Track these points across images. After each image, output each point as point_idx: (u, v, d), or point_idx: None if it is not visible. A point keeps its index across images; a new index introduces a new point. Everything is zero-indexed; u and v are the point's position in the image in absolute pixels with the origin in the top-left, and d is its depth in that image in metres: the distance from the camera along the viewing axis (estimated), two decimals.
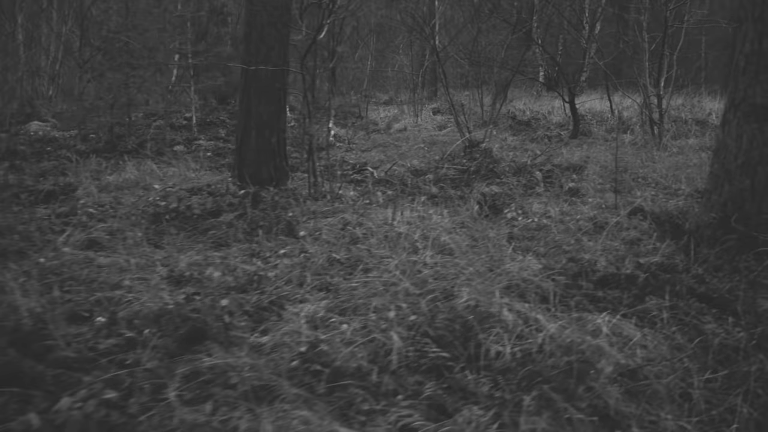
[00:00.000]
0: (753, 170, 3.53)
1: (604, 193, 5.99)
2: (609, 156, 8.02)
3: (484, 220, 5.02)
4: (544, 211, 5.06)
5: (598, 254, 3.82)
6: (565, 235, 4.40)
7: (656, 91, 8.29)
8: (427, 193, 5.87)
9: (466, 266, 3.71)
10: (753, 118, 3.52)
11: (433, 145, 9.61)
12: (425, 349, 2.87)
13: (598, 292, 3.14)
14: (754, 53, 3.55)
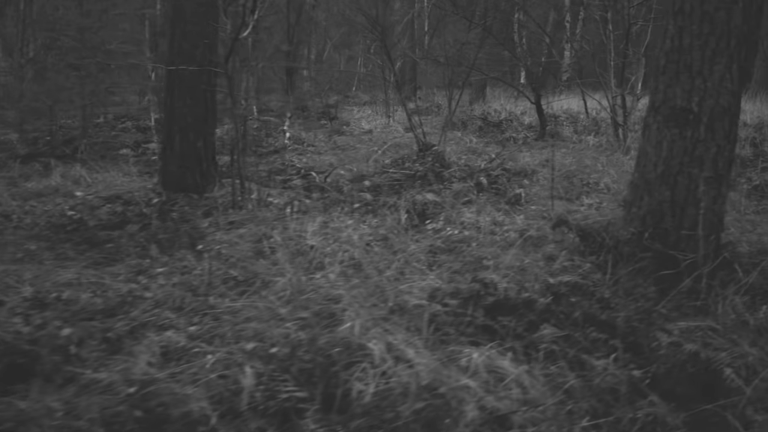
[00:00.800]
0: (673, 180, 3.18)
1: (550, 200, 5.63)
2: (570, 159, 7.67)
3: (411, 231, 4.67)
4: (475, 220, 4.70)
5: (509, 273, 3.47)
6: (487, 249, 4.04)
7: (620, 91, 7.93)
8: (360, 200, 5.52)
9: (358, 286, 3.37)
10: (673, 122, 3.16)
11: (398, 148, 9.26)
12: (279, 388, 2.52)
13: (489, 320, 2.79)
14: (674, 50, 3.19)
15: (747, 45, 3.15)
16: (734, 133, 3.21)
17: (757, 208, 5.54)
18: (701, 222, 3.15)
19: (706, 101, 3.11)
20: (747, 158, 7.37)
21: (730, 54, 3.10)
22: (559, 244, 3.89)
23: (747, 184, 6.29)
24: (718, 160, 3.15)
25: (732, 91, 3.13)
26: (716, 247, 3.22)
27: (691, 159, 3.14)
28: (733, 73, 3.12)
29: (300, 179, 6.78)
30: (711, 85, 3.11)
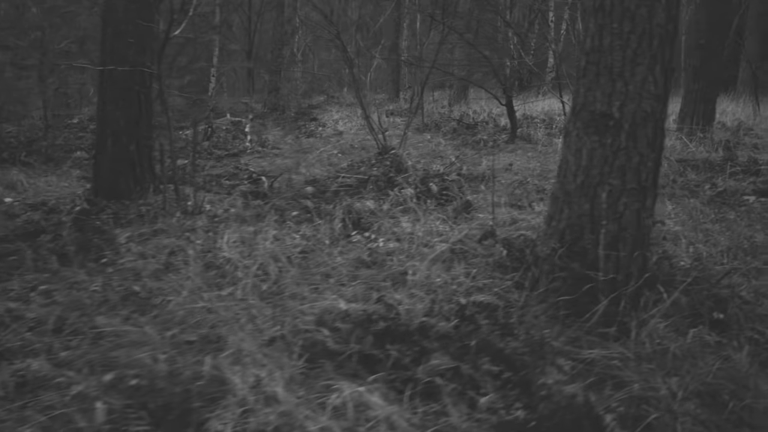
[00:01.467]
0: (593, 192, 2.90)
1: (501, 207, 5.36)
2: (535, 163, 7.40)
3: (343, 241, 4.40)
4: (411, 231, 4.43)
5: (422, 291, 3.20)
6: (412, 263, 3.77)
7: None
8: (300, 208, 5.25)
9: (254, 306, 3.10)
10: (593, 128, 2.89)
11: (363, 151, 8.98)
12: (130, 427, 2.26)
13: (376, 348, 2.51)
14: (595, 50, 2.92)
15: (672, 45, 2.88)
16: (660, 141, 2.93)
17: (717, 216, 5.27)
18: (622, 238, 2.88)
19: (627, 106, 2.84)
20: (717, 162, 7.09)
21: (653, 54, 2.82)
22: (484, 259, 3.63)
23: (711, 190, 6.01)
24: (641, 170, 2.88)
25: (656, 95, 2.85)
26: (642, 265, 2.95)
27: (612, 169, 2.87)
28: (657, 76, 2.85)
29: (249, 184, 6.51)
30: (633, 88, 2.83)
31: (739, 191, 6.02)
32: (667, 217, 5.11)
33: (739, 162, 7.10)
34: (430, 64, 7.59)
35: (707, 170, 6.82)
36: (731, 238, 4.71)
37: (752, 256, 4.39)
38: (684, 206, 5.49)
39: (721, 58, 8.59)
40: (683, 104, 8.85)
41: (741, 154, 7.67)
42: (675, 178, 6.43)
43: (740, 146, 8.25)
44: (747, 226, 5.07)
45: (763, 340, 2.99)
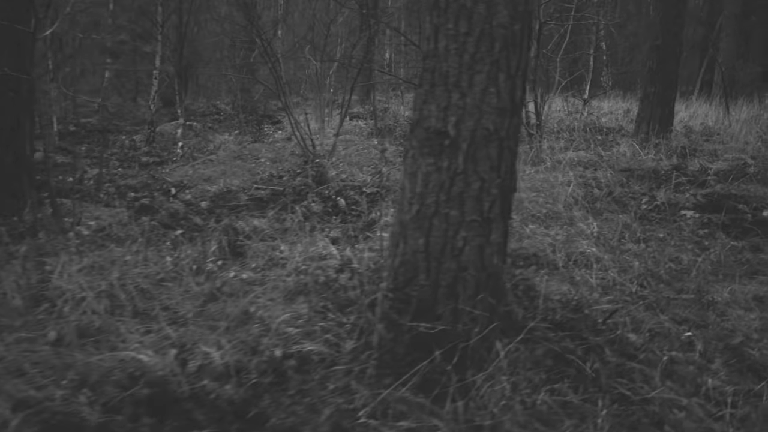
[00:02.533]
0: (428, 224, 2.43)
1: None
2: None
3: (212, 266, 3.93)
4: (289, 255, 3.95)
5: (241, 337, 2.72)
6: (267, 298, 3.30)
7: (533, 95, 7.19)
8: (188, 225, 4.78)
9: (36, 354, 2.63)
10: (428, 148, 2.42)
11: (299, 158, 8.50)
12: None
13: (132, 422, 2.04)
14: (430, 55, 2.45)
15: (522, 49, 2.40)
16: (508, 164, 2.45)
17: (646, 234, 4.79)
18: (462, 279, 2.40)
19: (464, 122, 2.36)
20: (664, 171, 6.62)
21: (494, 61, 2.35)
22: (339, 293, 3.16)
23: (647, 204, 5.53)
24: (483, 199, 2.40)
25: (499, 109, 2.37)
26: (490, 310, 2.47)
27: (449, 197, 2.39)
28: (501, 86, 2.37)
29: (159, 196, 6.04)
30: (471, 101, 2.36)
31: (679, 205, 5.55)
32: (588, 237, 4.65)
33: (688, 171, 6.64)
34: (359, 63, 7.11)
35: (652, 180, 6.35)
36: (653, 260, 4.24)
37: (668, 284, 3.93)
38: (612, 223, 5.02)
39: (678, 59, 8.11)
40: (640, 108, 8.39)
41: (694, 162, 7.21)
42: (613, 189, 5.96)
43: (697, 153, 7.78)
44: (675, 246, 4.60)
45: (636, 397, 2.52)
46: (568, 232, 4.68)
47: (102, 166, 5.51)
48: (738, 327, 3.28)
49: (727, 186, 6.06)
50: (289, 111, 6.87)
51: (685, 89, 16.45)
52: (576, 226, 4.85)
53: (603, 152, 7.65)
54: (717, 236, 4.90)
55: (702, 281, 3.95)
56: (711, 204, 5.50)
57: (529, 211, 5.23)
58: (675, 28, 8.00)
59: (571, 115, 10.99)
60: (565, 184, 6.18)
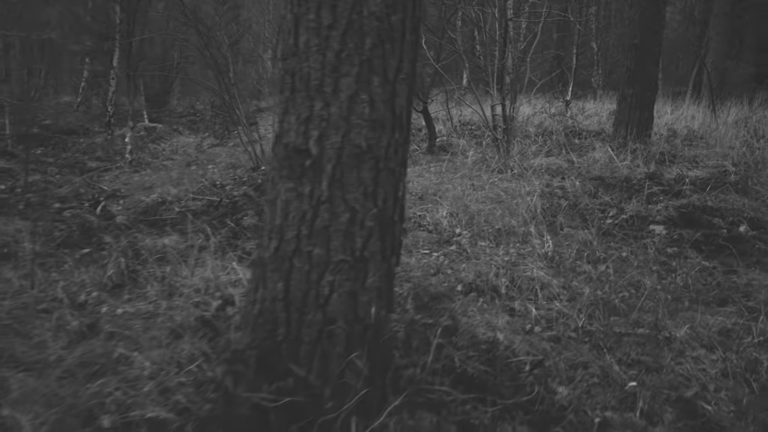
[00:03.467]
0: (288, 265, 1.94)
1: None
2: (429, 181, 6.42)
3: (102, 295, 3.44)
4: (189, 283, 3.46)
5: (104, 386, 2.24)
6: (139, 339, 2.81)
7: (500, 97, 6.69)
8: (97, 244, 4.28)
9: None
10: (287, 170, 1.93)
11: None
12: None
13: None
14: (290, 54, 1.95)
15: (404, 46, 1.91)
16: (388, 190, 1.95)
17: (606, 253, 4.29)
18: (329, 335, 1.91)
19: (329, 137, 1.87)
20: (636, 181, 6.12)
21: (364, 60, 1.85)
22: (222, 335, 2.66)
23: (613, 218, 5.04)
24: (354, 234, 1.90)
25: (373, 122, 1.88)
26: (368, 373, 1.97)
27: (311, 231, 1.90)
28: (375, 93, 1.87)
29: (89, 207, 5.54)
30: (337, 111, 1.86)
31: (649, 218, 5.05)
32: (540, 257, 4.16)
33: (664, 180, 6.14)
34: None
35: (623, 190, 5.85)
36: (610, 285, 3.75)
37: (622, 315, 3.43)
38: (572, 240, 4.52)
39: (657, 58, 7.62)
40: (617, 111, 7.89)
41: (672, 170, 6.70)
42: (579, 200, 5.46)
43: (677, 159, 7.28)
44: (638, 268, 4.10)
45: None
46: (519, 252, 4.18)
47: (26, 173, 5.01)
48: (694, 373, 2.79)
49: (703, 197, 5.56)
50: (235, 112, 6.37)
51: (678, 90, 15.98)
52: (530, 244, 4.35)
53: (576, 158, 7.15)
54: (687, 255, 4.41)
55: (662, 311, 3.45)
56: (683, 218, 5.01)
57: (481, 226, 4.74)
58: (654, 26, 7.50)
59: (552, 118, 10.49)
60: (529, 194, 5.69)
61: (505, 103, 6.58)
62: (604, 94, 16.09)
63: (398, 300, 2.78)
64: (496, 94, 6.72)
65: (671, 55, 20.58)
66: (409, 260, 4.13)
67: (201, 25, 5.83)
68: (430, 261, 4.17)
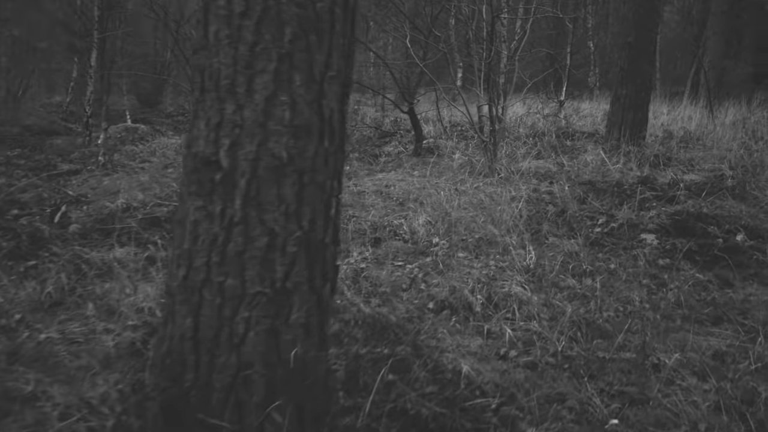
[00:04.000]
0: (198, 297, 1.64)
1: None
2: (411, 185, 6.11)
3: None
4: (133, 302, 3.14)
5: None
6: (74, 367, 2.50)
7: (486, 98, 6.38)
8: (42, 256, 3.97)
9: None
10: (196, 185, 1.62)
11: None
12: None
13: None
14: (200, 47, 1.64)
15: (333, 38, 1.60)
16: (317, 209, 1.65)
17: (593, 265, 3.98)
18: (245, 381, 1.60)
19: (242, 146, 1.56)
20: (629, 185, 5.81)
21: (284, 55, 1.54)
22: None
23: (602, 226, 4.73)
24: (273, 262, 1.60)
25: (296, 128, 1.57)
26: (296, 423, 1.67)
27: (223, 258, 1.60)
28: (297, 94, 1.56)
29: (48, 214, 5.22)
30: (251, 115, 1.55)
31: (640, 227, 4.75)
32: (521, 270, 3.85)
33: (657, 185, 5.83)
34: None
35: (614, 195, 5.55)
36: (596, 302, 3.44)
37: (606, 337, 3.13)
38: (557, 251, 4.21)
39: (652, 57, 7.31)
40: (610, 112, 7.58)
41: (666, 174, 6.40)
42: (567, 206, 5.15)
43: (672, 162, 6.97)
44: (627, 282, 3.80)
45: None
46: (498, 264, 3.88)
47: None
48: (684, 407, 2.48)
49: (698, 203, 5.26)
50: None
51: (675, 90, 15.69)
52: (511, 255, 4.05)
53: (567, 161, 6.84)
54: (680, 267, 4.10)
55: (651, 332, 3.15)
56: (677, 226, 4.70)
57: (460, 235, 4.43)
58: (649, 24, 7.19)
59: (546, 119, 10.19)
60: (514, 200, 5.38)
61: (492, 104, 6.28)
62: (601, 94, 15.80)
63: (346, 330, 2.47)
64: (483, 93, 6.41)
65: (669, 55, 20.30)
66: (379, 273, 3.82)
67: (171, 20, 5.52)
68: (404, 274, 3.87)
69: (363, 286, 3.62)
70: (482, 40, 6.10)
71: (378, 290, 3.63)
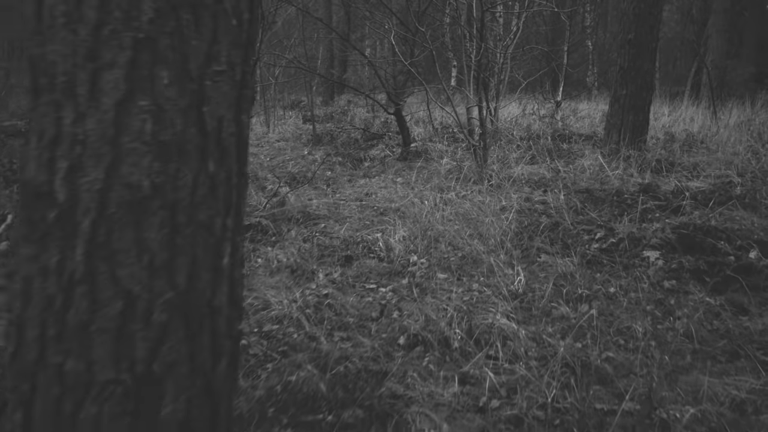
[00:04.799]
0: (29, 384, 1.17)
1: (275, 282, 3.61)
2: (393, 193, 5.63)
3: None
4: None
5: None
6: None
7: (476, 99, 5.91)
8: None
9: None
10: (27, 226, 1.15)
11: None
12: None
13: None
14: (35, 32, 1.18)
15: (215, 21, 1.13)
16: (204, 258, 1.18)
17: (591, 289, 3.50)
18: None
19: (85, 173, 1.09)
20: (629, 194, 5.33)
21: (142, 42, 1.06)
22: None
23: (600, 242, 4.25)
24: (134, 338, 1.12)
25: (162, 146, 1.10)
26: None
27: (62, 330, 1.12)
28: (164, 96, 1.09)
29: None
30: (96, 127, 1.08)
31: (643, 241, 4.27)
32: (508, 296, 3.37)
33: (660, 193, 5.36)
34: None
35: (614, 205, 5.07)
36: (594, 334, 2.97)
37: (605, 382, 2.65)
38: (549, 271, 3.74)
39: (653, 55, 6.84)
40: (609, 113, 7.11)
41: (669, 181, 5.93)
42: (562, 218, 4.67)
43: (675, 167, 6.50)
44: (629, 309, 3.32)
45: None
46: (482, 289, 3.40)
47: None
48: None
49: (706, 213, 4.78)
50: None
51: (676, 90, 15.23)
52: (498, 276, 3.57)
53: (563, 167, 6.37)
54: (688, 290, 3.63)
55: (657, 374, 2.68)
56: (683, 241, 4.22)
57: (442, 252, 3.96)
58: (651, 20, 6.72)
59: (541, 120, 9.71)
60: (504, 210, 4.91)
61: (482, 105, 5.80)
62: (600, 95, 15.34)
63: (270, 400, 1.98)
64: (473, 94, 5.93)
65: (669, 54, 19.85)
66: (347, 299, 3.34)
67: None
68: (375, 299, 3.39)
69: (326, 315, 3.15)
70: (472, 36, 5.62)
71: (345, 320, 3.16)
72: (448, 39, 12.70)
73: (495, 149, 6.57)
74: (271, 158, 7.99)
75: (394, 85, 6.98)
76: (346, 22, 14.69)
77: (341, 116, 12.08)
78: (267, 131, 10.71)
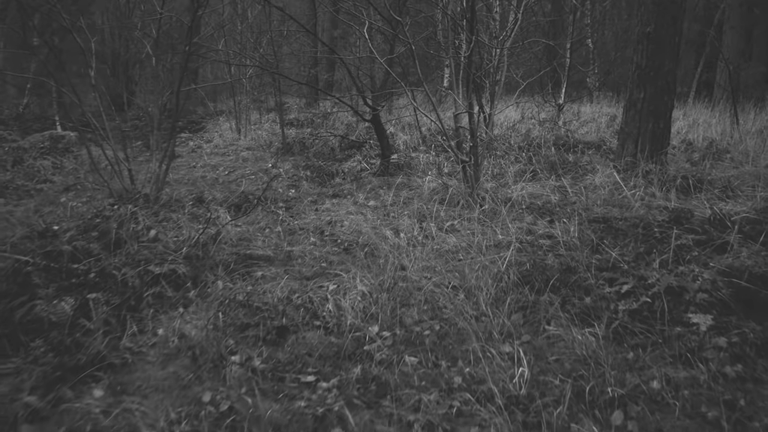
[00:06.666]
0: None
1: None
2: (365, 222, 4.51)
3: None
4: None
5: None
6: None
7: (465, 104, 4.80)
8: None
9: None
10: None
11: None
12: None
13: None
14: None
15: None
16: None
17: (624, 379, 2.41)
18: None
19: None
20: (657, 224, 4.22)
21: None
22: None
23: (628, 301, 3.14)
24: None
25: None
26: None
27: None
28: None
29: None
30: None
31: (685, 297, 3.16)
32: (498, 410, 2.27)
33: (696, 223, 4.25)
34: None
35: (639, 241, 3.96)
36: None
37: None
38: (563, 353, 2.63)
39: (676, 52, 5.74)
40: (624, 121, 6.00)
41: (702, 203, 4.82)
42: (575, 261, 3.56)
43: (704, 186, 5.39)
44: (680, 419, 2.24)
45: None
46: (466, 393, 2.29)
47: None
48: None
49: (758, 252, 3.68)
50: (106, 129, 4.47)
51: (679, 91, 14.15)
52: (491, 365, 2.47)
53: (570, 185, 5.26)
54: (759, 377, 2.53)
55: None
56: (739, 297, 3.12)
57: (414, 320, 2.85)
58: (674, 9, 5.62)
59: (542, 125, 8.60)
60: (501, 247, 3.81)
61: (473, 111, 4.70)
62: (602, 96, 14.26)
63: None
64: (462, 98, 4.83)
65: None
66: (267, 408, 2.23)
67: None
68: (310, 405, 2.28)
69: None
70: (462, 27, 4.51)
71: None
72: (441, 36, 11.59)
73: (489, 162, 5.46)
74: (230, 171, 6.86)
75: (371, 86, 5.87)
76: (330, 19, 13.58)
77: (323, 120, 10.96)
78: (238, 137, 9.60)
